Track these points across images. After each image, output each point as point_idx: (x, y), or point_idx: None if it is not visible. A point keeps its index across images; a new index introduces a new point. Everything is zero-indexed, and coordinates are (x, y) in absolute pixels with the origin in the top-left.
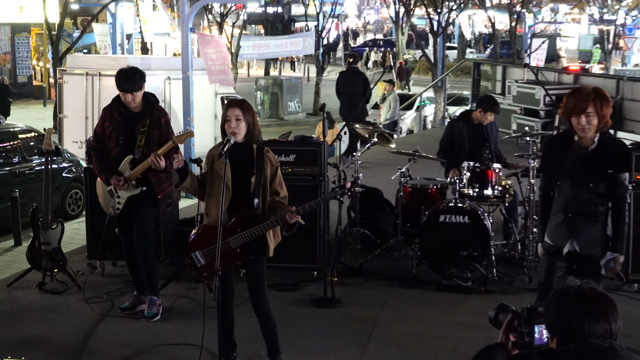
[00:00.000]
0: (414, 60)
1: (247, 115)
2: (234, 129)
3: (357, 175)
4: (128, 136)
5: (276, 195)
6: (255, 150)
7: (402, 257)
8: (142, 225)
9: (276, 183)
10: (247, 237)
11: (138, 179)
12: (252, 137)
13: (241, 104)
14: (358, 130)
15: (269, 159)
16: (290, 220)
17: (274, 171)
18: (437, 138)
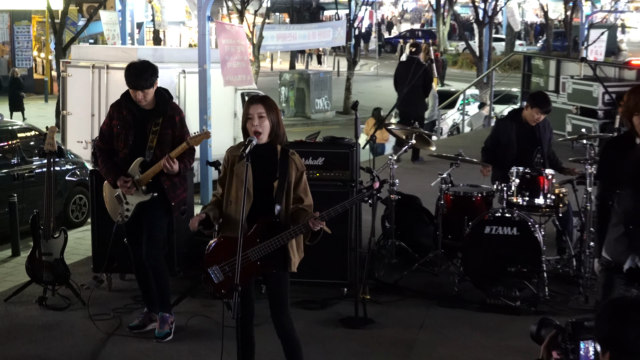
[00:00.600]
0: (456, 53)
1: (271, 114)
2: (256, 128)
3: (393, 180)
4: (138, 136)
5: (300, 202)
6: (280, 152)
7: (442, 273)
8: (153, 234)
9: (300, 189)
10: (268, 248)
11: (149, 184)
12: (276, 138)
13: (264, 101)
14: (394, 131)
15: (294, 162)
16: (314, 228)
17: (299, 176)
18: (481, 140)
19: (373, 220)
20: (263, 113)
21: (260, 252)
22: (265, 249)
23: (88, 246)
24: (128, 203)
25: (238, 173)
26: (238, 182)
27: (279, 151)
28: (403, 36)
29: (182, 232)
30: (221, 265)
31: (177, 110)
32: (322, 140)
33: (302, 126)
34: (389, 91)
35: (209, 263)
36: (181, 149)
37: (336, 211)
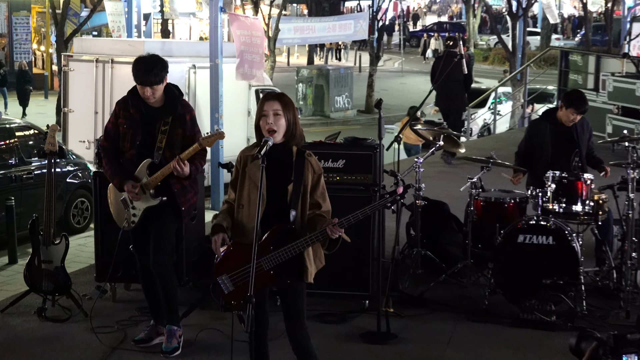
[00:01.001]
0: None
1: (287, 112)
2: (271, 126)
3: (419, 185)
4: (146, 136)
5: (317, 208)
6: (295, 153)
7: (471, 285)
8: (161, 241)
9: (318, 194)
10: (282, 256)
11: (157, 187)
12: (291, 138)
13: (281, 98)
14: (420, 131)
15: (311, 165)
16: (332, 235)
17: (316, 180)
18: (514, 142)
19: (397, 227)
20: (279, 110)
21: (274, 260)
22: (280, 257)
23: (90, 253)
24: (135, 208)
25: (251, 175)
26: (251, 184)
27: (295, 153)
28: (430, 29)
29: (192, 239)
30: (231, 275)
31: (187, 108)
32: (342, 141)
33: (320, 126)
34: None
35: (218, 272)
36: (193, 150)
37: (356, 218)
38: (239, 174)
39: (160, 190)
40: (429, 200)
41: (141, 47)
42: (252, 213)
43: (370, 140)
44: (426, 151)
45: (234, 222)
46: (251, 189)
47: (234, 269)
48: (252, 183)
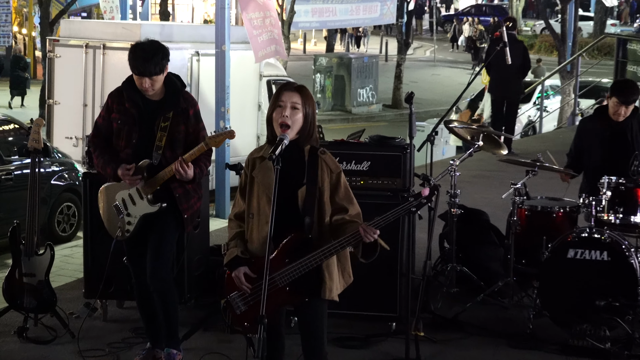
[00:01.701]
0: (532, 34)
1: (306, 107)
2: (286, 119)
3: (454, 191)
4: (144, 134)
5: (343, 212)
6: (308, 152)
7: (514, 306)
8: (160, 253)
9: (340, 195)
10: (299, 270)
11: (156, 192)
12: (306, 137)
13: (302, 90)
14: (457, 130)
15: (325, 164)
16: (366, 238)
17: (335, 179)
18: (563, 143)
19: (429, 239)
20: (298, 104)
21: (289, 275)
22: (296, 271)
23: (78, 266)
24: (130, 215)
25: (259, 179)
26: (260, 190)
27: (307, 151)
28: (466, 13)
29: (195, 250)
30: (242, 292)
31: (190, 101)
32: (367, 140)
33: (341, 122)
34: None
35: (229, 289)
36: (198, 150)
37: (387, 219)
38: (247, 179)
39: (159, 195)
40: (465, 208)
41: (137, 30)
42: (262, 222)
43: (399, 139)
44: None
45: (246, 234)
46: (260, 195)
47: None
48: (261, 188)
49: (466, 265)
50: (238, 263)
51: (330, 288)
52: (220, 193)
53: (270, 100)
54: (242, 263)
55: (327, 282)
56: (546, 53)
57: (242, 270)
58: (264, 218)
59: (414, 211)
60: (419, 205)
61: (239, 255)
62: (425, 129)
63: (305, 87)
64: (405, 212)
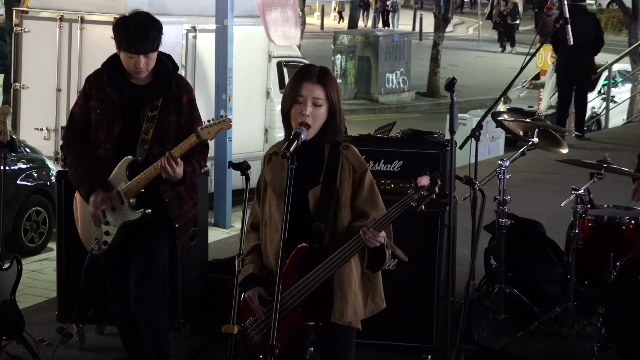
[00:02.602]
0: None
1: (331, 96)
2: (306, 119)
3: (503, 197)
4: (127, 125)
5: (363, 218)
6: (328, 148)
7: (575, 337)
8: (146, 272)
9: (362, 198)
10: (306, 287)
11: (141, 196)
12: (332, 132)
13: (324, 78)
14: (507, 123)
15: (347, 160)
16: (369, 242)
17: (359, 180)
18: (635, 139)
19: (473, 256)
20: (321, 99)
21: (299, 294)
22: (304, 289)
23: (50, 283)
24: (109, 223)
25: (268, 179)
26: (270, 193)
27: (328, 147)
28: None
29: (190, 267)
30: (256, 319)
31: (185, 87)
32: (399, 135)
33: (366, 113)
34: (496, 63)
35: (246, 315)
36: (188, 144)
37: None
38: (262, 179)
39: (145, 199)
40: (516, 218)
41: (122, 1)
42: (273, 231)
43: (438, 134)
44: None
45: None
46: (271, 198)
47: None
48: (273, 192)
49: (517, 287)
50: (253, 282)
51: (342, 311)
52: (220, 197)
53: (286, 88)
54: (258, 282)
55: (339, 304)
56: (614, 32)
57: (257, 292)
58: (274, 226)
59: (415, 207)
60: (420, 198)
61: (254, 272)
62: (468, 122)
63: (327, 71)
64: (404, 209)
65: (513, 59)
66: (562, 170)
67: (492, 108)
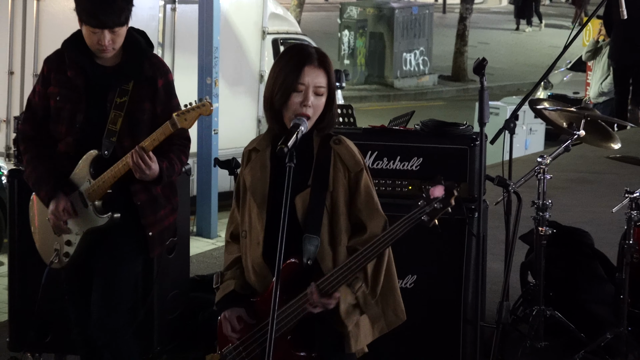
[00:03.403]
0: None
1: (331, 85)
2: (307, 110)
3: (543, 201)
4: (92, 113)
5: (359, 233)
6: (318, 142)
7: None
8: (109, 289)
9: (359, 204)
10: (294, 312)
11: (108, 198)
12: (326, 124)
13: (325, 61)
14: (547, 113)
15: (340, 158)
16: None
17: (354, 182)
18: None
19: (507, 271)
20: (323, 87)
21: (287, 319)
22: (292, 313)
23: (0, 304)
24: (70, 231)
25: (248, 182)
26: (250, 198)
27: (317, 141)
28: None
29: (168, 285)
30: (237, 346)
31: (160, 68)
32: (418, 127)
33: (379, 100)
34: (534, 42)
35: (224, 340)
36: (162, 134)
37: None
38: (241, 182)
39: (112, 202)
40: (559, 227)
41: None
42: (253, 243)
43: (465, 126)
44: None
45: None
46: (251, 205)
47: (243, 333)
48: (251, 196)
49: (559, 309)
50: (233, 301)
51: (356, 336)
52: (204, 202)
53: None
54: (238, 302)
55: (350, 329)
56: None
57: (237, 313)
58: (255, 237)
59: (427, 221)
60: (433, 212)
61: (236, 290)
62: (502, 112)
63: (325, 53)
64: (411, 225)
65: (555, 36)
66: (613, 170)
67: (530, 95)
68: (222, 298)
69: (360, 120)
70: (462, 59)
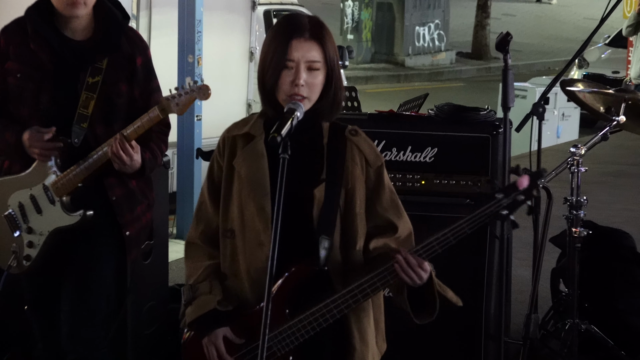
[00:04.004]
0: None
1: (329, 56)
2: (301, 90)
3: (577, 198)
4: (60, 95)
5: (390, 232)
6: (328, 131)
7: None
8: (82, 298)
9: (385, 203)
10: (305, 330)
11: (77, 193)
12: (330, 105)
13: (319, 31)
14: (581, 95)
15: (360, 150)
16: (405, 276)
17: (375, 178)
18: None
19: (535, 279)
20: (317, 61)
21: (291, 337)
22: (301, 331)
23: None
24: (32, 230)
25: (242, 173)
26: (244, 191)
27: (327, 129)
28: None
29: (145, 293)
30: None
31: (139, 45)
32: (432, 112)
33: (387, 81)
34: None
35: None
36: (148, 120)
37: (445, 241)
38: (221, 172)
39: (84, 198)
40: (596, 227)
41: None
42: (252, 245)
43: (486, 110)
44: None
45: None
46: (245, 200)
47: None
48: (247, 189)
49: (596, 323)
50: (216, 321)
51: (364, 356)
52: (185, 199)
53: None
54: (222, 321)
55: (358, 347)
56: None
57: (221, 334)
58: (254, 238)
59: (505, 216)
60: (513, 205)
61: (217, 308)
62: (529, 94)
63: (320, 20)
64: (488, 219)
65: (591, 6)
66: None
67: (561, 74)
68: (199, 318)
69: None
70: (484, 33)
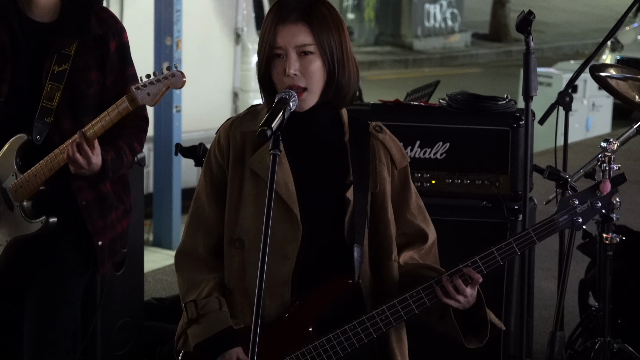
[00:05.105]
0: None
1: (327, 40)
2: (294, 80)
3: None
4: (22, 85)
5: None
6: (347, 124)
7: None
8: (46, 318)
9: (413, 209)
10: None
11: (40, 197)
12: (339, 94)
13: (310, 10)
14: (614, 83)
15: (386, 150)
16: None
17: (401, 181)
18: None
19: (560, 292)
20: (309, 44)
21: (319, 357)
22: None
23: None
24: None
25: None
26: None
27: (346, 122)
28: None
29: (117, 311)
30: None
31: (113, 26)
32: (445, 101)
33: (393, 66)
34: None
35: None
36: (117, 114)
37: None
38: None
39: (47, 203)
40: (630, 233)
41: None
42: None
43: (506, 100)
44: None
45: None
46: (260, 205)
47: None
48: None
49: (630, 341)
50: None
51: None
52: (163, 201)
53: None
54: (234, 340)
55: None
56: None
57: (235, 355)
58: (277, 250)
59: (580, 225)
60: (589, 212)
61: (229, 324)
62: (555, 82)
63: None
64: (560, 229)
65: None
66: None
67: (591, 58)
68: (211, 338)
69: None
70: (503, 12)
